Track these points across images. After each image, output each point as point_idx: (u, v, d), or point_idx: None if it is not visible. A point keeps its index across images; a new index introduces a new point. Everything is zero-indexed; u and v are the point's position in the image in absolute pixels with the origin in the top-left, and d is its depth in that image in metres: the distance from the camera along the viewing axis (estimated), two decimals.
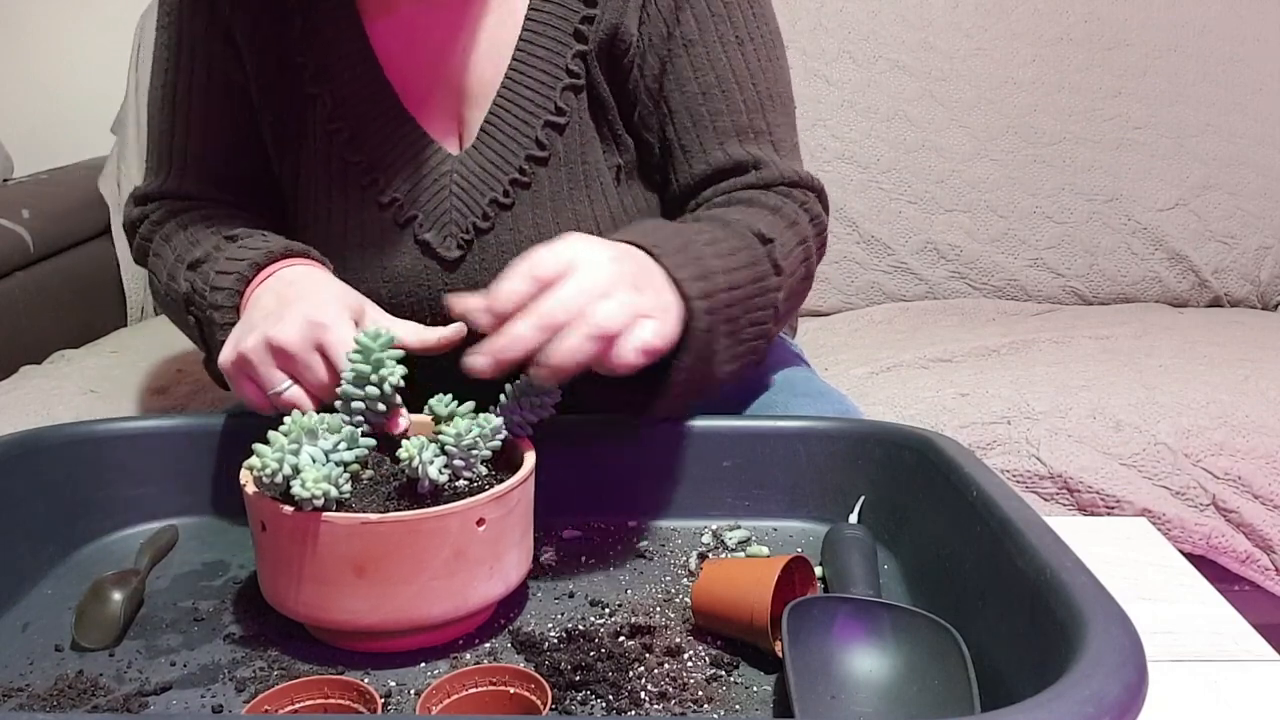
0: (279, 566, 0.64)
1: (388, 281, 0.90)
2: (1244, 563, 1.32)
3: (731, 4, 0.90)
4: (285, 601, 0.65)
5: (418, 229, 0.90)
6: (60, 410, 1.34)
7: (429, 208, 0.89)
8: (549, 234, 0.87)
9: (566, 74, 0.88)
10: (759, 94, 0.90)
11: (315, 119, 0.90)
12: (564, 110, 0.89)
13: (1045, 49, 1.88)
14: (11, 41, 2.21)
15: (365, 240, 0.90)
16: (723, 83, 0.89)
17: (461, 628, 0.66)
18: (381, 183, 0.89)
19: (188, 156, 0.93)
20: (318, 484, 0.60)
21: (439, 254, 0.89)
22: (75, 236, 1.87)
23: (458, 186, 0.89)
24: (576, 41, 0.88)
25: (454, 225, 0.89)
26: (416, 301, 0.90)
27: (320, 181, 0.91)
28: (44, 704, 0.59)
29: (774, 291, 0.82)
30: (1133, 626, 0.50)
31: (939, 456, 0.74)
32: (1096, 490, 1.30)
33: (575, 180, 0.89)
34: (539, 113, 0.89)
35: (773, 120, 0.92)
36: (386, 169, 0.89)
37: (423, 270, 0.90)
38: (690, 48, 0.89)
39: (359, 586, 0.62)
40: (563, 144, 0.89)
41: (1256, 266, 1.87)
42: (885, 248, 1.85)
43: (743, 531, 0.80)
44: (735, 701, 0.60)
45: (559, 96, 0.88)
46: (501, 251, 0.89)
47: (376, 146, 0.90)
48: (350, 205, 0.90)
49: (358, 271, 0.90)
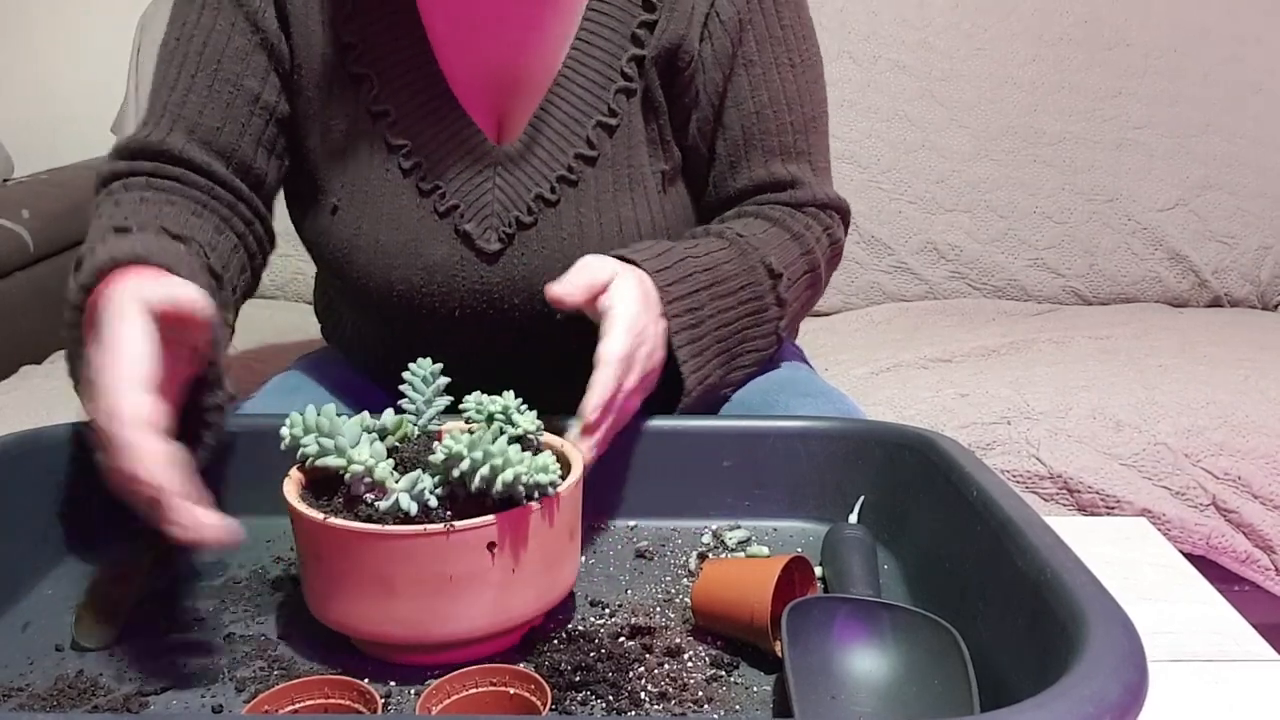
0: (329, 581, 0.63)
1: (422, 270, 0.88)
2: (1244, 563, 1.32)
3: (788, 28, 0.93)
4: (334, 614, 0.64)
5: (458, 219, 0.88)
6: (60, 410, 1.34)
7: (471, 199, 0.88)
8: (592, 234, 0.89)
9: (621, 77, 0.89)
10: (804, 116, 0.94)
11: (360, 99, 0.88)
12: (616, 112, 0.89)
13: (1045, 49, 1.88)
14: (11, 41, 2.21)
15: (402, 227, 0.88)
16: (774, 103, 0.92)
17: (503, 641, 0.65)
18: (424, 168, 0.88)
19: (183, 113, 0.87)
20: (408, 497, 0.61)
21: (478, 246, 0.88)
22: (75, 236, 1.87)
23: (502, 180, 0.88)
24: (633, 45, 0.89)
25: (496, 219, 0.88)
26: (449, 292, 0.89)
27: (359, 163, 0.89)
28: (44, 704, 0.59)
29: (775, 321, 0.89)
30: (1133, 626, 0.50)
31: (939, 456, 0.74)
32: (1096, 490, 1.30)
33: (621, 182, 0.90)
34: (591, 112, 0.89)
35: (813, 143, 0.95)
36: (430, 155, 0.88)
37: (459, 261, 0.88)
38: (749, 67, 0.91)
39: (392, 599, 0.61)
40: (612, 145, 0.89)
41: (1256, 266, 1.87)
42: (885, 248, 1.85)
43: (743, 531, 0.80)
44: (735, 701, 0.60)
45: (612, 98, 0.89)
46: (542, 248, 0.89)
47: (421, 132, 0.88)
48: (389, 190, 0.88)
49: (391, 259, 0.88)
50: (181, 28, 0.88)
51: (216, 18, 0.87)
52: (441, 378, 0.71)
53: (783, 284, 0.88)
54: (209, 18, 0.87)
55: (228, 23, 0.86)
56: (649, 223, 0.91)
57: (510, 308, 0.90)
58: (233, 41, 0.86)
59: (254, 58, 0.87)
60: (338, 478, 0.64)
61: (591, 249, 0.85)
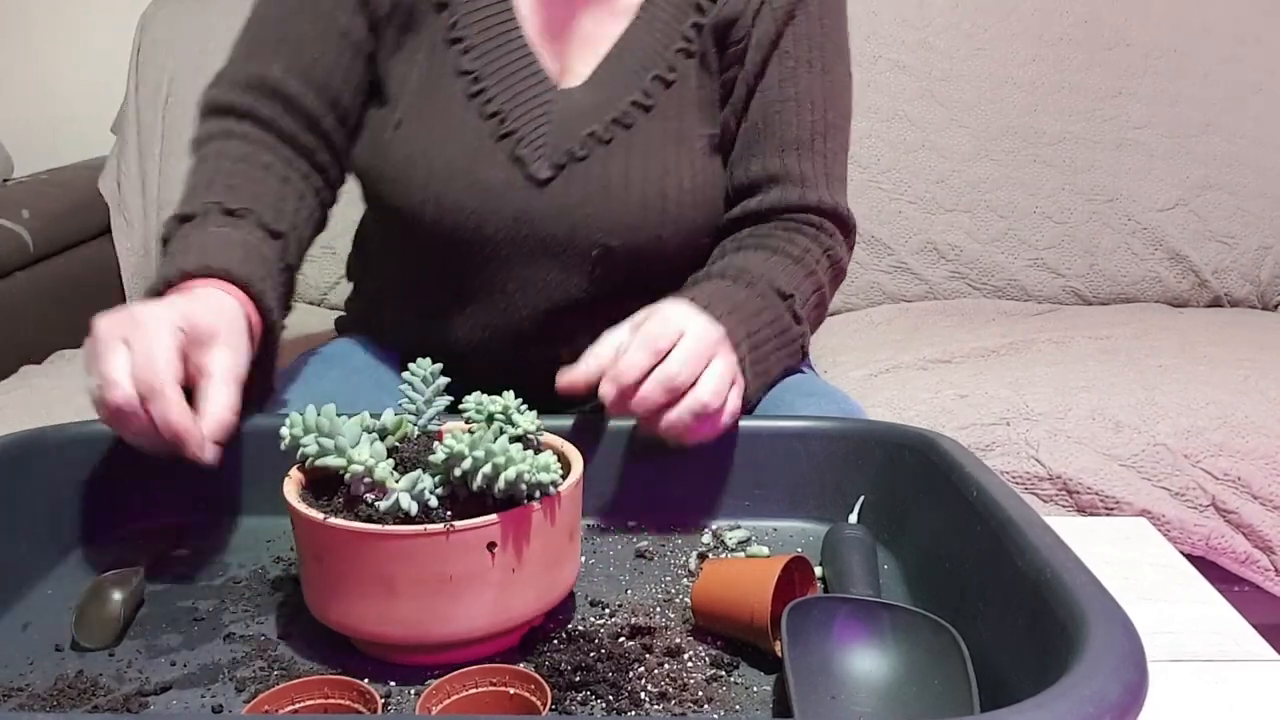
0: (330, 581, 0.63)
1: (474, 190, 0.92)
2: (1243, 563, 1.32)
3: (827, 35, 0.97)
4: (333, 614, 0.64)
5: (515, 145, 0.92)
6: (60, 410, 1.34)
7: (529, 127, 0.93)
8: (636, 177, 0.93)
9: (682, 39, 0.95)
10: (825, 121, 0.97)
11: (437, 27, 0.94)
12: (674, 69, 0.95)
13: (1045, 49, 1.88)
14: (11, 41, 2.21)
15: (462, 148, 0.92)
16: (798, 100, 0.96)
17: (503, 642, 0.65)
18: (488, 94, 0.93)
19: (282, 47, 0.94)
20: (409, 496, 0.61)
21: (530, 171, 0.92)
22: (75, 236, 1.88)
23: (560, 114, 0.93)
24: (695, 13, 0.95)
25: (549, 148, 0.93)
26: (497, 215, 0.93)
27: (428, 84, 0.94)
28: (44, 704, 0.59)
29: (799, 339, 0.92)
30: (1133, 626, 0.50)
31: (939, 456, 0.74)
32: (1096, 491, 1.30)
33: (669, 135, 0.94)
34: (651, 66, 0.94)
35: (830, 149, 0.98)
36: (495, 84, 0.93)
37: (511, 185, 0.92)
38: (783, 59, 0.96)
39: (392, 599, 0.61)
40: (665, 98, 0.95)
41: (1256, 266, 1.87)
42: (885, 248, 1.85)
43: (743, 531, 0.80)
44: (735, 701, 0.60)
45: (671, 56, 0.95)
46: (590, 181, 0.93)
47: (490, 63, 0.93)
48: (453, 110, 0.93)
49: (447, 176, 0.92)
50: None
51: None
52: (441, 378, 0.71)
53: (796, 302, 0.91)
54: None
55: None
56: (690, 180, 0.95)
57: (550, 236, 0.93)
58: None
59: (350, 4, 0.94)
60: (338, 478, 0.64)
61: (635, 191, 0.92)
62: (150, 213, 1.93)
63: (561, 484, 0.63)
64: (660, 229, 0.93)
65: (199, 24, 1.93)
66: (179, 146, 1.91)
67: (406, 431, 0.69)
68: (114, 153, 1.97)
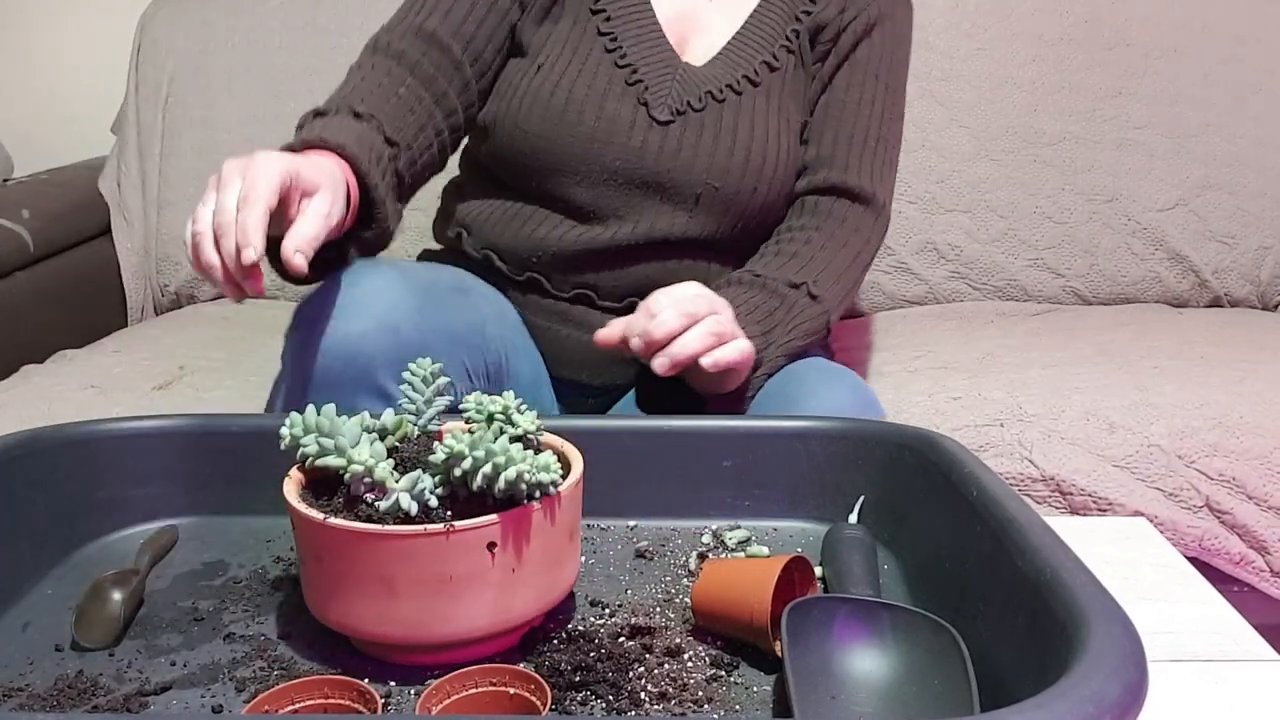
0: (330, 581, 0.63)
1: (601, 119, 1.07)
2: (1238, 564, 1.32)
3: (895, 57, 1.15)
4: (334, 614, 0.64)
5: (642, 91, 1.08)
6: (61, 406, 1.34)
7: (655, 79, 1.09)
8: (743, 137, 1.08)
9: (784, 37, 1.13)
10: (880, 127, 1.13)
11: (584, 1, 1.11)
12: (778, 58, 1.12)
13: (1045, 49, 1.88)
14: (11, 41, 2.21)
15: (594, 86, 1.08)
16: (860, 103, 1.12)
17: (503, 642, 0.65)
18: (623, 50, 1.09)
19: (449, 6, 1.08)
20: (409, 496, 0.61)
21: (654, 114, 1.08)
22: (75, 236, 1.87)
23: (683, 75, 1.10)
24: (796, 22, 1.13)
25: (671, 98, 1.09)
26: (618, 145, 1.07)
27: (570, 40, 1.10)
28: (44, 704, 0.59)
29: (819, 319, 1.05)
30: (1133, 626, 0.50)
31: (939, 456, 0.74)
32: (1089, 493, 1.30)
33: (771, 108, 1.11)
34: (760, 53, 1.12)
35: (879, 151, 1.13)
36: (630, 44, 1.10)
37: (633, 119, 1.07)
38: (854, 67, 1.13)
39: (393, 599, 0.61)
40: (770, 79, 1.12)
41: (1256, 266, 1.87)
42: (885, 248, 1.85)
43: (743, 531, 0.80)
44: (735, 701, 0.60)
45: (776, 49, 1.12)
46: (704, 129, 1.08)
47: (627, 28, 1.10)
48: (591, 59, 1.09)
49: (580, 110, 1.07)
50: None
51: None
52: (441, 378, 0.71)
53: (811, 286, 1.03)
54: None
55: None
56: (785, 147, 1.10)
57: (663, 171, 1.07)
58: None
59: None
60: (338, 478, 0.64)
61: (741, 145, 1.08)
62: (150, 213, 1.93)
63: (561, 484, 0.63)
64: (757, 182, 1.08)
65: (199, 24, 1.93)
66: (179, 146, 1.91)
67: (406, 431, 0.69)
68: (114, 153, 1.97)
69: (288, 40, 1.86)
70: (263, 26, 1.90)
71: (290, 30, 1.87)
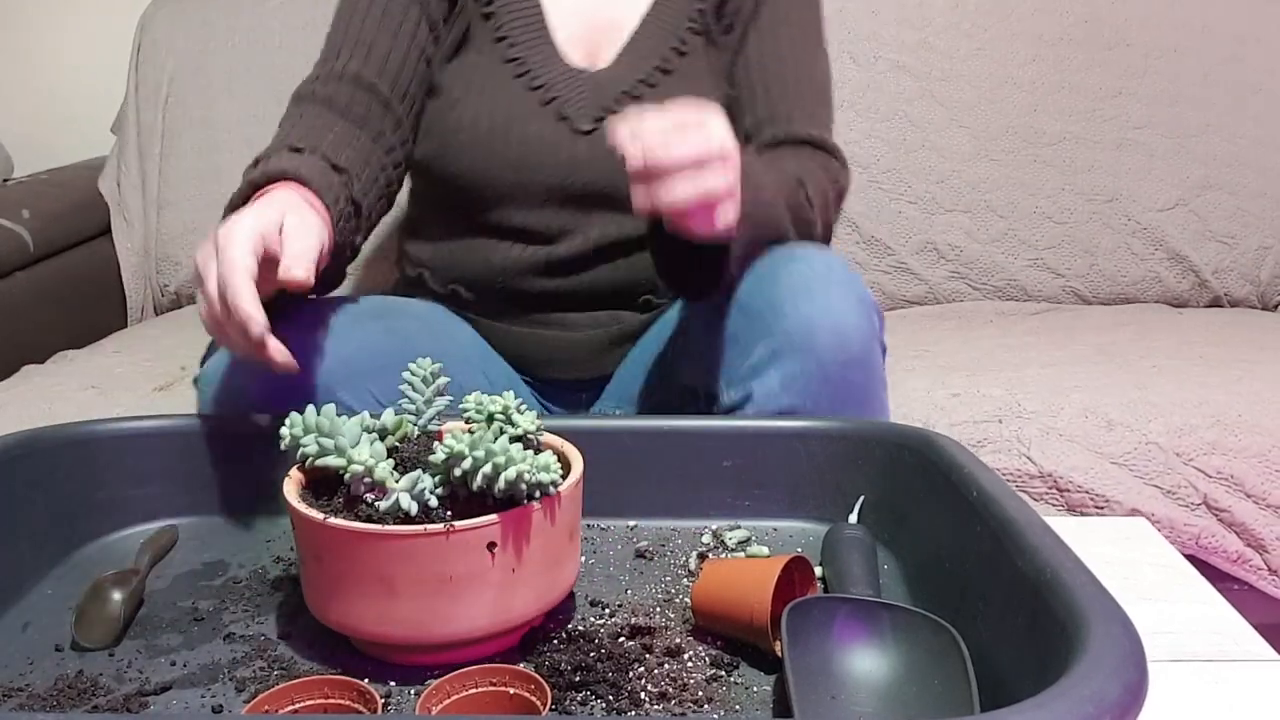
0: (330, 581, 0.63)
1: (524, 143, 1.06)
2: (1235, 562, 1.32)
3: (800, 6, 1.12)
4: (335, 615, 0.64)
5: (559, 107, 1.08)
6: (61, 407, 1.34)
7: (569, 94, 1.08)
8: None
9: (689, 20, 1.11)
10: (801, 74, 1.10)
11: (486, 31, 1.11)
12: (685, 43, 1.11)
13: (1045, 49, 1.88)
14: (11, 41, 2.21)
15: (511, 113, 1.07)
16: (780, 59, 1.10)
17: (503, 642, 0.65)
18: (533, 73, 1.09)
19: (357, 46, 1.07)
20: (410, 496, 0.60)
21: (575, 126, 1.07)
22: (75, 236, 1.87)
23: (594, 84, 1.09)
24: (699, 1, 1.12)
25: (589, 107, 1.07)
26: (546, 164, 1.06)
27: (480, 70, 1.10)
28: (44, 704, 0.59)
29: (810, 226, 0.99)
30: (1133, 626, 0.50)
31: (939, 456, 0.74)
32: (1086, 490, 1.30)
33: (690, 92, 1.03)
34: (666, 40, 1.11)
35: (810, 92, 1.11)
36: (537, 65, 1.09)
37: (558, 137, 1.07)
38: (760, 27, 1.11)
39: (393, 599, 0.61)
40: (682, 64, 1.10)
41: (1256, 266, 1.87)
42: (885, 248, 1.85)
43: (743, 531, 0.80)
44: (735, 701, 0.60)
45: (683, 33, 1.11)
46: None
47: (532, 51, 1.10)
48: (502, 86, 1.08)
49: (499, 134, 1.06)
50: None
51: None
52: (441, 378, 0.71)
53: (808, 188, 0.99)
54: None
55: None
56: None
57: (595, 178, 1.06)
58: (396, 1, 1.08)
59: (411, 9, 1.08)
60: (338, 478, 0.64)
61: None
62: (150, 213, 1.93)
63: (561, 484, 0.63)
64: None
65: (199, 24, 1.93)
66: (179, 146, 1.91)
67: (406, 431, 0.69)
68: (114, 153, 1.97)
69: (288, 40, 1.86)
70: (263, 26, 1.90)
71: (290, 30, 1.87)
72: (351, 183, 0.96)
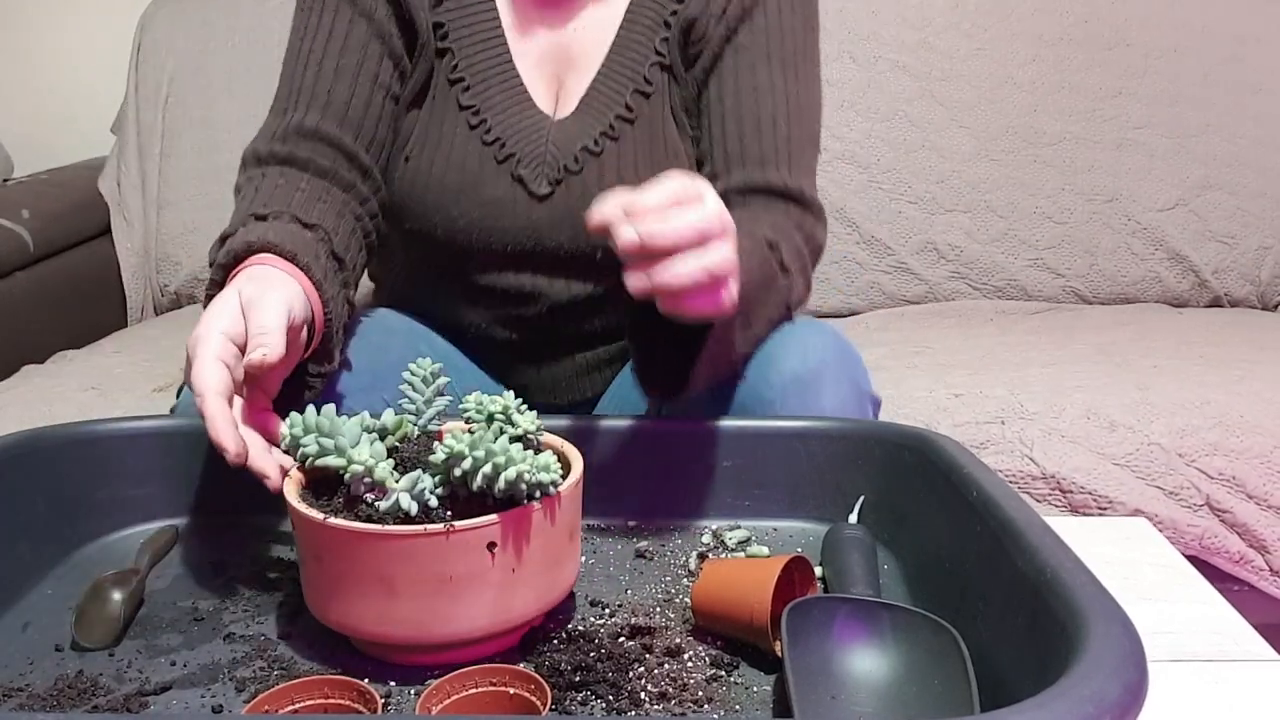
0: (330, 581, 0.63)
1: (480, 206, 1.00)
2: (1237, 563, 1.32)
3: (788, 30, 1.00)
4: (335, 614, 0.64)
5: (514, 166, 1.00)
6: (62, 407, 1.34)
7: (526, 150, 1.00)
8: (629, 180, 0.96)
9: (654, 53, 1.01)
10: (788, 110, 0.99)
11: (441, 70, 1.02)
12: (650, 82, 1.01)
13: (1045, 49, 1.88)
14: (11, 41, 2.21)
15: (466, 170, 1.00)
16: (758, 90, 0.98)
17: (503, 642, 0.65)
18: (488, 125, 1.00)
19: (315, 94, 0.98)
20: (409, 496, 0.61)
21: (530, 188, 1.00)
22: (75, 236, 1.88)
23: (555, 135, 1.01)
24: (665, 29, 1.01)
25: (547, 166, 1.00)
26: (503, 228, 1.00)
27: (434, 119, 1.01)
28: (44, 704, 0.59)
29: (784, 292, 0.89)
30: (1133, 626, 0.50)
31: (939, 456, 0.74)
32: (1089, 491, 1.30)
33: (656, 142, 1.01)
34: (630, 82, 1.01)
35: (794, 135, 0.99)
36: (494, 115, 1.01)
37: (513, 201, 1.00)
38: (739, 53, 0.99)
39: (393, 599, 0.61)
40: (647, 108, 1.01)
41: (1256, 266, 1.87)
42: (885, 248, 1.85)
43: (743, 531, 0.80)
44: (735, 701, 0.60)
45: (647, 70, 1.01)
46: (585, 192, 0.98)
47: (490, 98, 1.01)
48: (458, 140, 1.01)
49: (454, 195, 1.00)
50: (307, 29, 1.01)
51: (335, 18, 0.99)
52: (441, 378, 0.71)
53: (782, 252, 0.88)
54: (329, 18, 1.00)
55: (345, 20, 0.99)
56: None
57: (556, 245, 1.00)
58: (352, 35, 0.99)
59: (371, 46, 0.99)
60: (338, 478, 0.64)
61: None
62: (150, 213, 1.93)
63: (561, 484, 0.63)
64: None
65: (199, 24, 1.93)
66: (179, 146, 1.92)
67: (406, 431, 0.69)
68: (114, 153, 1.97)
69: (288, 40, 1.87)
70: (263, 26, 1.90)
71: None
72: (329, 238, 0.89)
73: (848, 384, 0.88)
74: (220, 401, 0.68)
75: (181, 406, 0.90)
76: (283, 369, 0.77)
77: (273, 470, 0.69)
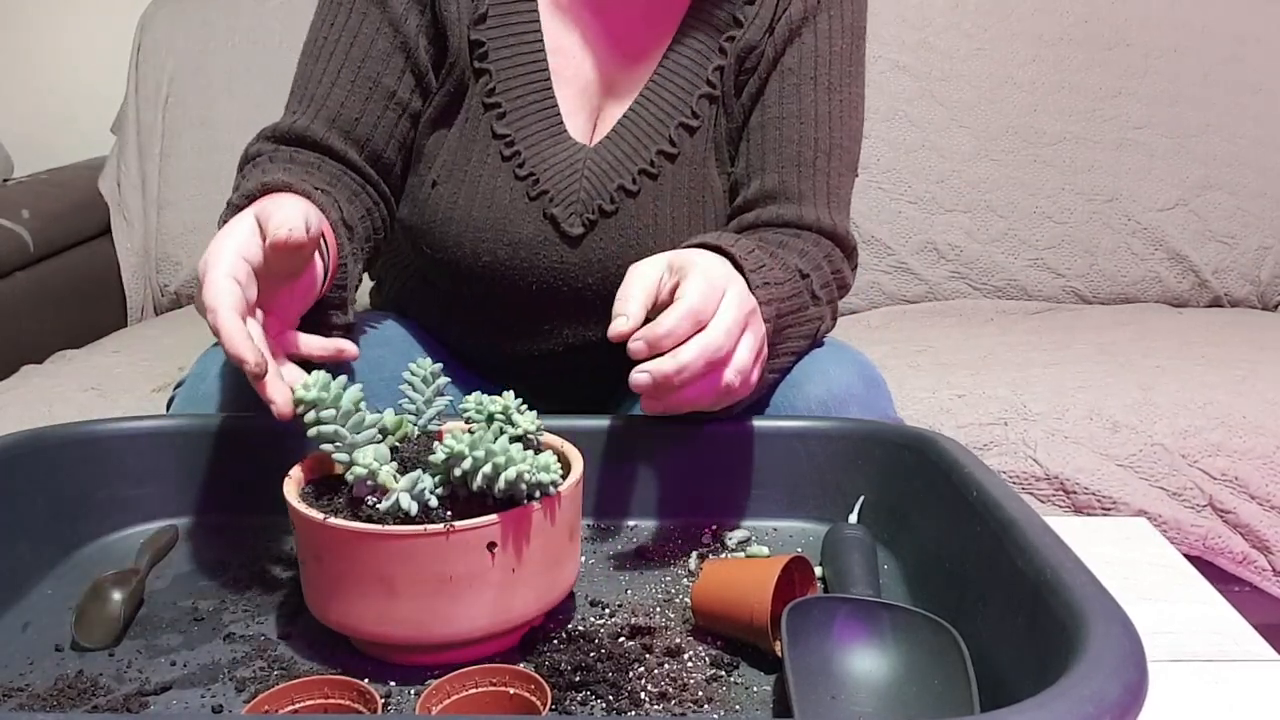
0: (330, 581, 0.63)
1: (508, 245, 0.96)
2: (1240, 563, 1.32)
3: (838, 55, 0.97)
4: (335, 615, 0.64)
5: (547, 204, 0.95)
6: (61, 407, 1.34)
7: (560, 186, 0.96)
8: (665, 225, 0.96)
9: (706, 84, 0.96)
10: (830, 140, 0.96)
11: (476, 92, 0.96)
12: (698, 115, 0.96)
13: (1045, 49, 1.88)
14: (11, 41, 2.21)
15: (495, 205, 0.96)
16: (801, 117, 0.96)
17: (503, 642, 0.65)
18: (522, 156, 0.96)
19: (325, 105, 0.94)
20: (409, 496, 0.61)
21: (563, 229, 0.96)
22: (75, 236, 1.88)
23: (590, 171, 0.96)
24: (719, 56, 0.96)
25: (581, 205, 0.96)
26: (531, 269, 0.96)
27: (465, 146, 0.97)
28: (44, 704, 0.59)
29: (816, 322, 0.88)
30: (1133, 626, 0.50)
31: (939, 456, 0.74)
32: (1093, 492, 1.30)
33: (696, 180, 0.97)
34: (675, 114, 0.96)
35: (833, 167, 0.96)
36: (529, 146, 0.96)
37: (544, 241, 0.96)
38: (785, 76, 0.96)
39: (394, 599, 0.61)
40: (691, 145, 0.97)
41: (1256, 266, 1.87)
42: (885, 248, 1.85)
43: (743, 531, 0.80)
44: (735, 701, 0.60)
45: (695, 102, 0.96)
46: (620, 235, 0.96)
47: (525, 126, 0.96)
48: (487, 172, 0.96)
49: (481, 232, 0.95)
50: (330, 28, 0.95)
51: (362, 22, 0.94)
52: (442, 378, 0.71)
53: (814, 282, 0.88)
54: (355, 20, 0.95)
55: (373, 27, 0.94)
56: (712, 219, 0.98)
57: (584, 287, 0.97)
58: (376, 44, 0.94)
59: (394, 58, 0.95)
60: (338, 478, 0.64)
61: (664, 240, 0.95)
62: (150, 213, 1.93)
63: (561, 484, 0.63)
64: None
65: (199, 24, 1.93)
66: (179, 146, 1.92)
67: (406, 431, 0.70)
68: (114, 153, 1.97)
69: (288, 40, 1.87)
70: (263, 26, 1.90)
71: (290, 30, 1.87)
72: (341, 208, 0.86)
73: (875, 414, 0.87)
74: (233, 315, 0.65)
75: (179, 402, 0.90)
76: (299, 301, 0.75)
77: (281, 397, 0.65)
